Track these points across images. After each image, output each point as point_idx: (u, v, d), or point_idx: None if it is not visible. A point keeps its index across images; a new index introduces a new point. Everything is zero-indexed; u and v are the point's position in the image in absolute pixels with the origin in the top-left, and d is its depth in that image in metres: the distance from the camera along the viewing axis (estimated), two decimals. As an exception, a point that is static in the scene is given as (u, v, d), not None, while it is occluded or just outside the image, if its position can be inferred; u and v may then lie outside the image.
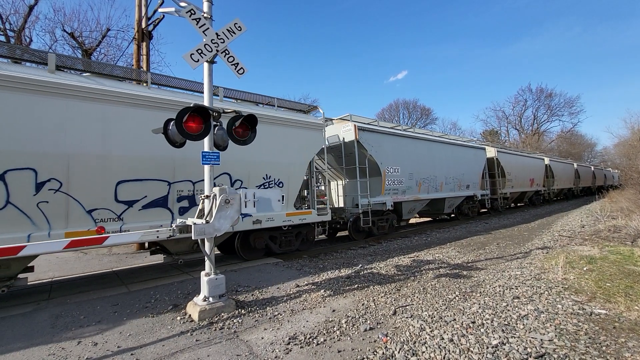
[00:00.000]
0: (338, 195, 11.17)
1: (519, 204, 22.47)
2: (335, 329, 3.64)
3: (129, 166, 5.57)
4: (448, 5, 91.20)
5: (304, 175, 8.12)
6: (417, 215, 15.08)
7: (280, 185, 7.60)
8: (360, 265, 6.71)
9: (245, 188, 6.59)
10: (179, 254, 6.24)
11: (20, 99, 4.68)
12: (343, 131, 10.06)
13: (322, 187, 11.13)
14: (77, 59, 6.17)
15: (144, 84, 6.36)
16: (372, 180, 10.00)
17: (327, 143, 9.54)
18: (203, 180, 4.46)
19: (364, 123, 10.58)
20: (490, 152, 17.47)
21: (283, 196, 5.97)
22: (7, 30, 15.37)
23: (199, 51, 4.29)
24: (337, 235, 11.67)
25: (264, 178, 7.33)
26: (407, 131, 12.43)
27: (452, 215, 15.36)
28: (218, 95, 6.87)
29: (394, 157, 10.61)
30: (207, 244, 4.30)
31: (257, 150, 6.74)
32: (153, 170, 5.82)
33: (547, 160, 24.16)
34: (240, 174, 6.97)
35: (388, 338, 3.36)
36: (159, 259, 8.18)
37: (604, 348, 3.03)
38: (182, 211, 6.19)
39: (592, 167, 37.60)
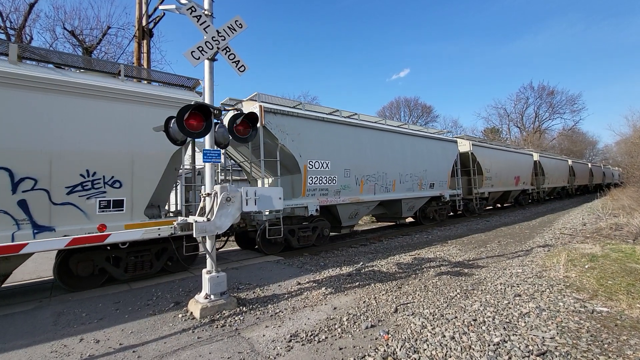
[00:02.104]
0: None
1: (505, 205, 20.27)
2: (336, 326, 3.65)
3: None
4: (450, 3, 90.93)
5: (161, 171, 5.81)
6: (375, 220, 13.83)
7: (117, 186, 5.38)
8: (362, 262, 6.71)
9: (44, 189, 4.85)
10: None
11: None
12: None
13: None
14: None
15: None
16: (295, 177, 8.21)
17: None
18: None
19: (277, 104, 8.25)
20: (464, 145, 15.15)
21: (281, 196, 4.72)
22: (8, 29, 15.37)
23: (200, 49, 4.27)
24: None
25: (82, 176, 5.08)
26: (340, 116, 9.77)
27: (414, 220, 13.13)
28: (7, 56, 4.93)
29: (321, 149, 8.39)
30: (208, 241, 4.30)
31: (69, 133, 5.01)
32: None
33: (536, 156, 22.14)
34: (34, 170, 4.73)
35: (389, 335, 3.37)
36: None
37: (605, 346, 3.02)
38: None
39: (589, 164, 35.73)
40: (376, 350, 3.09)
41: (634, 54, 74.83)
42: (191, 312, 4.16)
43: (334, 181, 8.68)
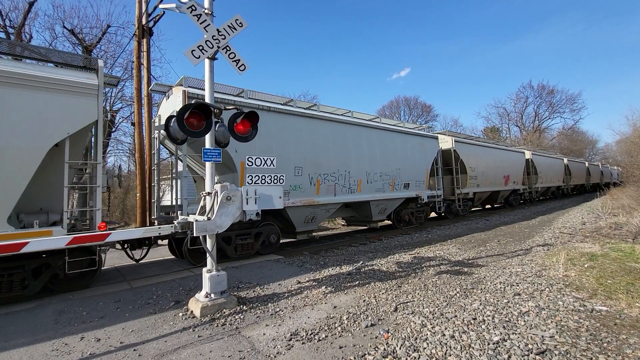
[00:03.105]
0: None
1: (496, 205, 19.49)
2: (336, 325, 3.66)
3: None
4: (451, 2, 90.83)
5: (32, 170, 4.80)
6: (345, 223, 12.44)
7: None
8: (361, 261, 6.72)
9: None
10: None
11: None
12: (178, 102, 6.87)
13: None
14: None
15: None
16: (236, 177, 7.38)
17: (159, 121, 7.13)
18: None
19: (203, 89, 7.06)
20: (446, 142, 14.03)
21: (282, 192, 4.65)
22: (7, 27, 15.35)
23: (200, 47, 4.27)
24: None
25: None
26: (295, 107, 8.73)
27: (390, 223, 11.96)
28: None
29: (265, 143, 7.51)
30: (208, 240, 4.31)
31: None
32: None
33: (528, 154, 21.02)
34: None
35: (389, 334, 3.38)
36: (160, 255, 8.22)
37: (605, 345, 3.03)
38: None
39: (587, 163, 34.62)
40: (376, 349, 3.10)
41: (634, 53, 74.88)
42: (191, 311, 4.17)
43: (281, 181, 7.17)
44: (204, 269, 4.33)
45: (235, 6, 67.01)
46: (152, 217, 8.55)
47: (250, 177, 6.89)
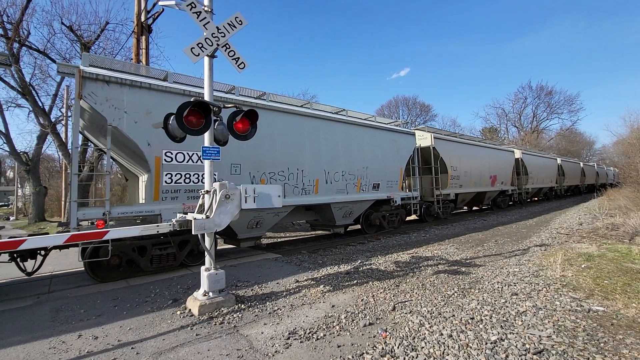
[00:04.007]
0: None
1: (483, 207, 18.66)
2: (334, 324, 3.66)
3: None
4: (451, 1, 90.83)
5: None
6: (309, 227, 11.05)
7: None
8: (360, 261, 6.73)
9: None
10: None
11: None
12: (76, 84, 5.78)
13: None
14: None
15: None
16: (150, 177, 6.05)
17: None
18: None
19: (118, 70, 6.12)
20: (424, 138, 13.04)
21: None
22: (5, 23, 15.24)
23: (200, 45, 4.26)
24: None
25: None
26: (237, 95, 7.55)
27: (359, 227, 10.59)
28: None
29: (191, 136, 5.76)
30: (207, 238, 4.30)
31: None
32: None
33: (518, 154, 20.11)
34: None
35: (387, 333, 3.38)
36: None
37: (602, 344, 3.05)
38: None
39: (581, 164, 33.63)
40: (374, 348, 3.10)
41: (633, 53, 75.25)
42: (189, 309, 4.16)
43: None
44: (202, 267, 4.32)
45: (234, 4, 66.82)
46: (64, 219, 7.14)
47: (169, 175, 5.89)
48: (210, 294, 4.18)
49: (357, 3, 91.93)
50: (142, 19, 10.36)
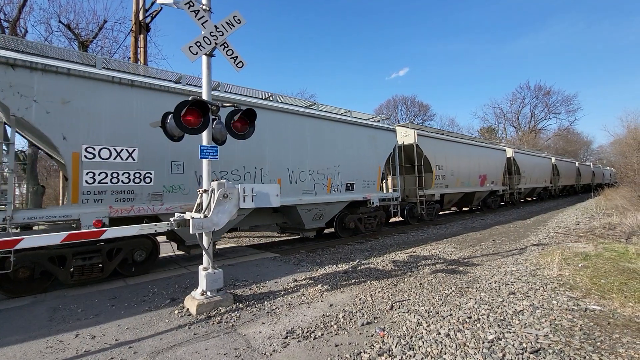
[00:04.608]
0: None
1: (475, 208, 18.01)
2: (332, 323, 3.67)
3: None
4: (451, 1, 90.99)
5: None
6: (279, 231, 9.83)
7: None
8: (358, 260, 6.74)
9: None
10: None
11: None
12: None
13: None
14: None
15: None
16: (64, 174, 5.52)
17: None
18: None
19: (24, 52, 5.21)
20: (407, 136, 12.27)
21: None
22: (2, 21, 15.15)
23: (198, 44, 4.24)
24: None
25: None
26: (183, 83, 6.53)
27: (333, 231, 9.84)
28: None
29: (120, 128, 5.53)
30: (205, 238, 4.30)
31: None
32: None
33: (510, 152, 19.41)
34: None
35: (385, 332, 3.39)
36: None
37: (598, 343, 3.07)
38: None
39: (577, 163, 33.17)
40: (372, 347, 3.11)
41: (632, 54, 75.60)
42: (187, 309, 4.16)
43: (148, 179, 5.74)
44: (200, 267, 4.31)
45: (233, 3, 66.69)
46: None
47: (91, 174, 5.06)
48: (208, 293, 4.18)
49: (357, 3, 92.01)
50: (140, 17, 10.33)
